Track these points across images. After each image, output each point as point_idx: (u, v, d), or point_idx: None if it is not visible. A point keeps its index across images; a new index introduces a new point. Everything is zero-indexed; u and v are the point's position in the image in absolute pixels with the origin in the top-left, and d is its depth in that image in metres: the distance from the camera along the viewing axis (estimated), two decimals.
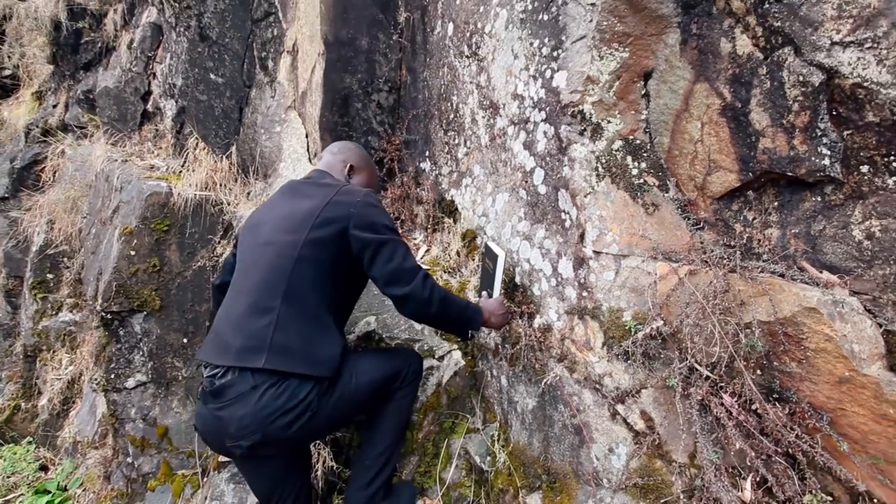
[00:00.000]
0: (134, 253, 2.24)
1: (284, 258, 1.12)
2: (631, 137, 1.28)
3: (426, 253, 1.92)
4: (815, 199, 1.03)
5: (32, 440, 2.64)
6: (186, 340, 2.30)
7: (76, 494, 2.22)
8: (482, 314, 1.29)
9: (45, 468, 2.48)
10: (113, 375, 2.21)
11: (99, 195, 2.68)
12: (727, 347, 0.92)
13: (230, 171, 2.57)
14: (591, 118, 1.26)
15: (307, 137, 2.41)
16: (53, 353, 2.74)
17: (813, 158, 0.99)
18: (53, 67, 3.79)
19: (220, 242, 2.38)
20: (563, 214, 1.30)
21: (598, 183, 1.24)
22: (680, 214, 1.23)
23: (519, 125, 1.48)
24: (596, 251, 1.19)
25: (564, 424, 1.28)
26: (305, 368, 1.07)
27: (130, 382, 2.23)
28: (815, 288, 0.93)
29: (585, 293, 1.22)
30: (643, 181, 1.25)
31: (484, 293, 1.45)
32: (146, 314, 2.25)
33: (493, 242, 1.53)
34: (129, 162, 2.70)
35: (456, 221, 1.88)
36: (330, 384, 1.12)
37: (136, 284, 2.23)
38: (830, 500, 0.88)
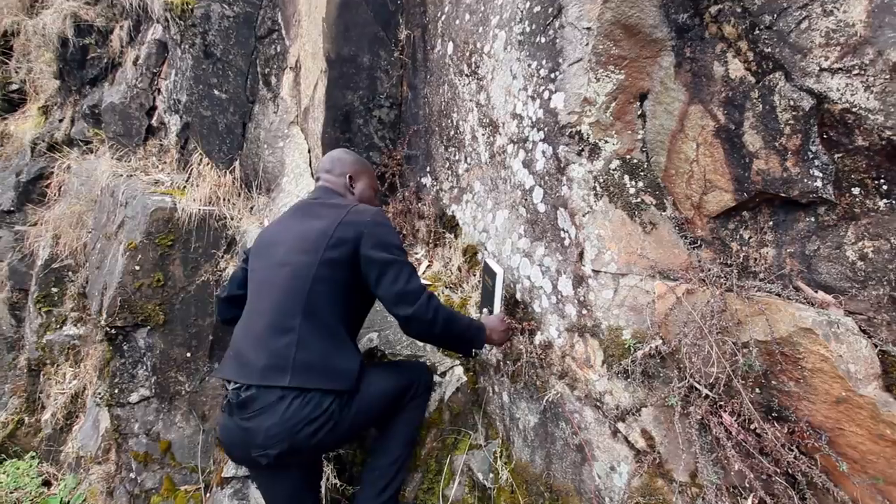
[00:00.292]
0: (138, 268, 2.27)
1: (301, 279, 1.17)
2: (628, 157, 1.31)
3: (428, 268, 1.94)
4: (808, 219, 1.05)
5: (35, 455, 2.65)
6: (189, 355, 2.31)
7: None
8: (485, 332, 1.32)
9: (48, 483, 2.48)
10: (117, 390, 2.22)
11: (104, 210, 2.71)
12: (724, 367, 0.94)
13: (233, 185, 2.60)
14: (588, 138, 1.29)
15: (310, 153, 2.44)
16: (57, 367, 2.75)
17: (805, 180, 1.02)
18: (60, 82, 3.85)
19: (223, 257, 2.40)
20: (562, 233, 1.32)
21: (596, 202, 1.26)
22: (677, 233, 1.25)
23: (518, 144, 1.51)
24: (595, 270, 1.21)
25: (566, 442, 1.29)
26: (327, 383, 1.14)
27: (134, 397, 2.24)
28: (810, 308, 0.94)
29: (585, 311, 1.23)
30: (641, 200, 1.27)
31: (485, 310, 1.47)
32: (150, 329, 2.26)
33: (491, 259, 1.55)
34: (133, 177, 2.73)
35: (457, 237, 1.90)
36: (349, 396, 1.18)
37: (140, 299, 2.25)
38: None
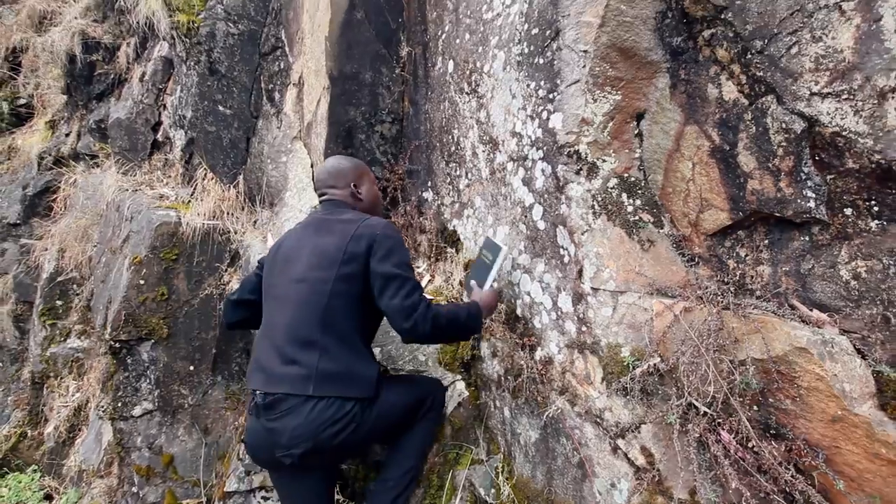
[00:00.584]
0: (143, 282, 2.29)
1: (319, 294, 1.23)
2: (626, 175, 1.33)
3: (429, 282, 1.96)
4: (803, 238, 1.07)
5: (38, 468, 2.65)
6: (193, 368, 2.33)
7: None
8: (481, 314, 1.35)
9: (49, 497, 2.48)
10: (120, 404, 2.24)
11: (109, 224, 2.75)
12: (722, 386, 0.95)
13: (237, 199, 2.63)
14: (586, 157, 1.32)
15: (312, 167, 2.48)
16: (60, 379, 2.77)
17: (799, 201, 1.04)
18: (67, 97, 3.92)
19: (226, 270, 2.42)
20: (561, 250, 1.34)
21: (594, 220, 1.28)
22: (675, 250, 1.27)
23: (518, 162, 1.54)
24: (594, 288, 1.23)
25: (567, 458, 1.29)
26: (349, 391, 1.20)
27: (137, 410, 2.25)
28: (805, 327, 0.96)
29: (584, 328, 1.25)
30: (638, 218, 1.29)
31: (473, 281, 1.50)
32: (154, 342, 2.28)
33: (493, 237, 1.59)
34: (139, 191, 2.77)
35: (458, 251, 1.92)
36: (370, 402, 1.24)
37: (144, 313, 2.27)
38: None
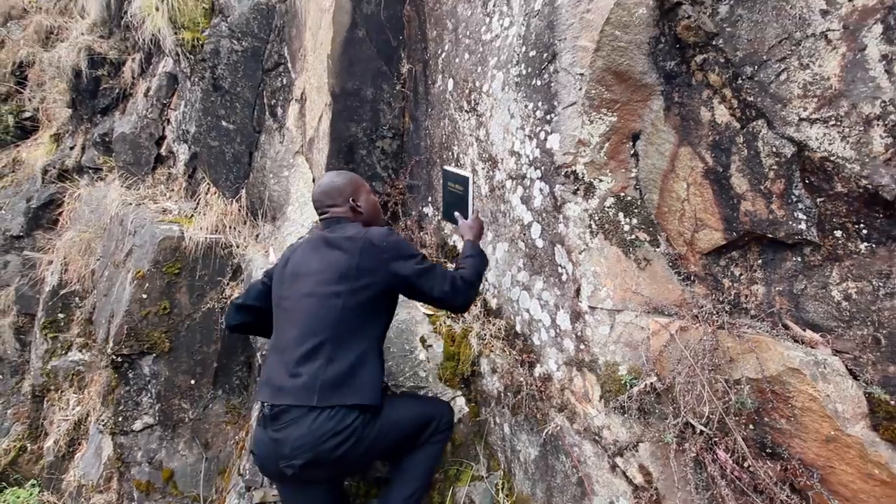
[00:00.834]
0: (146, 296, 2.31)
1: (329, 308, 1.26)
2: (622, 194, 1.36)
3: None
4: (795, 259, 1.09)
5: (36, 483, 2.64)
6: (194, 382, 2.33)
7: None
8: (478, 245, 1.46)
9: None
10: (120, 418, 2.24)
11: (113, 238, 2.77)
12: (717, 405, 0.97)
13: (240, 214, 2.66)
14: (583, 178, 1.35)
15: (314, 182, 2.51)
16: (61, 393, 2.77)
17: (790, 222, 1.06)
18: (72, 111, 3.97)
19: (228, 284, 2.44)
20: (559, 268, 1.36)
21: (591, 239, 1.31)
22: (671, 269, 1.29)
23: (516, 180, 1.57)
24: (591, 306, 1.25)
25: (566, 475, 1.30)
26: (351, 399, 1.22)
27: (138, 425, 2.26)
28: (798, 347, 0.98)
29: (583, 346, 1.27)
30: (635, 237, 1.31)
31: (456, 213, 1.60)
32: (155, 356, 2.29)
33: (452, 167, 1.62)
34: (142, 205, 2.80)
35: None
36: (373, 414, 1.25)
37: (146, 327, 2.29)
38: None
